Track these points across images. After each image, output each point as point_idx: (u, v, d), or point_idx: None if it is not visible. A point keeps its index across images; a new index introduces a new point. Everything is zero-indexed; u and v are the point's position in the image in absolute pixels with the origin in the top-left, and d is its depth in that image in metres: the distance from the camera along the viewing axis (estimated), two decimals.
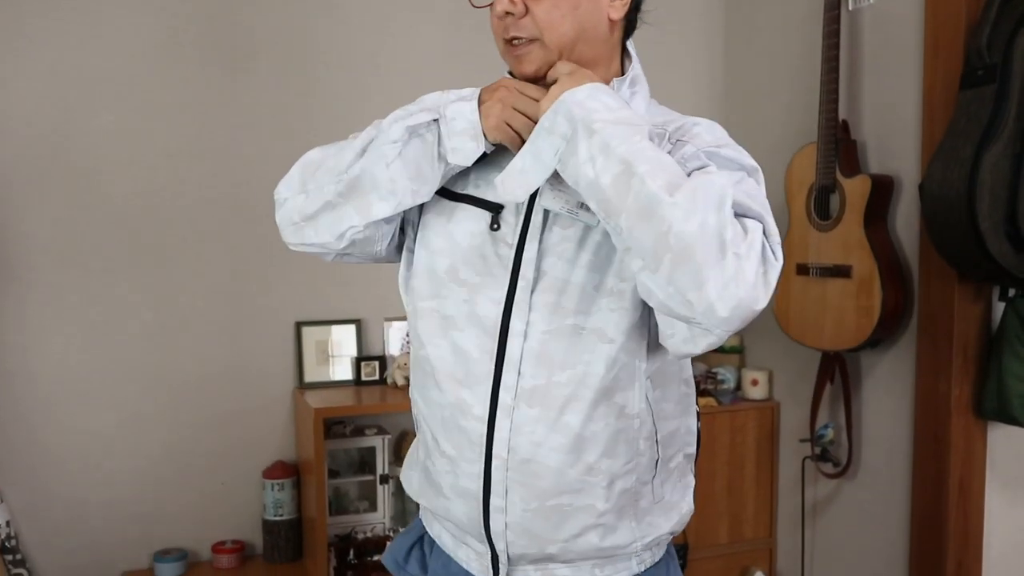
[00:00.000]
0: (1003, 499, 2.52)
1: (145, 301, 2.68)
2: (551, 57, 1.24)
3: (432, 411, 1.32)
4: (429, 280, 1.32)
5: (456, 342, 1.28)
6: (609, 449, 1.25)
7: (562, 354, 1.23)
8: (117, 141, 2.62)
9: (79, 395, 2.63)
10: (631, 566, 1.33)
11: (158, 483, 2.72)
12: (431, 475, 1.35)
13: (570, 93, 1.15)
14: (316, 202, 1.29)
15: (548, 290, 1.24)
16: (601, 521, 1.27)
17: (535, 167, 1.17)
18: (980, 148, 2.16)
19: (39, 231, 2.58)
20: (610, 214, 1.10)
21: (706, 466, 2.97)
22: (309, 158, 1.33)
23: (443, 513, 1.35)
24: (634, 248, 1.09)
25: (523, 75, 1.26)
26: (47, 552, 2.62)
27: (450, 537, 1.38)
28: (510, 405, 1.24)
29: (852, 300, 2.56)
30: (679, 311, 1.09)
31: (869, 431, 2.73)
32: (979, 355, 2.43)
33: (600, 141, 1.11)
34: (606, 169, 1.09)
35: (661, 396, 1.30)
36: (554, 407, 1.23)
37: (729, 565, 3.05)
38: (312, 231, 1.31)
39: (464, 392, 1.27)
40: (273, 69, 2.73)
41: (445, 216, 1.31)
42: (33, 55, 2.54)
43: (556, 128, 1.14)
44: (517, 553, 1.29)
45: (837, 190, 2.58)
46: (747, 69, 3.20)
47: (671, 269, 1.06)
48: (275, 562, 2.74)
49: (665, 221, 1.05)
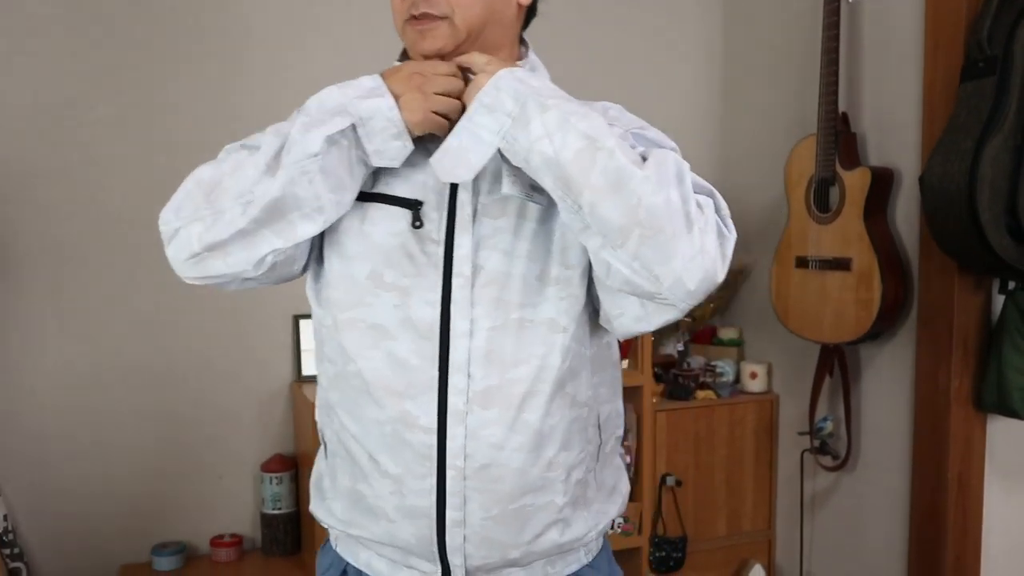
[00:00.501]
0: (1002, 491, 2.52)
1: (142, 294, 2.67)
2: (458, 37, 1.19)
3: (368, 430, 1.22)
4: (349, 289, 1.22)
5: (391, 352, 1.19)
6: (565, 441, 1.23)
7: (513, 350, 1.18)
8: (113, 135, 2.61)
9: (76, 389, 2.62)
10: (580, 558, 1.32)
11: (156, 477, 2.71)
12: (365, 500, 1.24)
13: (508, 71, 1.11)
14: (223, 230, 1.14)
15: (489, 284, 1.18)
16: (561, 516, 1.25)
17: (475, 146, 1.11)
18: (980, 141, 2.15)
19: (35, 225, 2.57)
20: (570, 191, 1.07)
21: (705, 459, 2.97)
22: (199, 178, 1.17)
23: (383, 539, 1.25)
24: (596, 225, 1.07)
25: (423, 52, 1.20)
26: (45, 546, 2.62)
27: (387, 563, 1.29)
28: (462, 410, 1.17)
29: (851, 293, 2.56)
30: (645, 287, 1.08)
31: (868, 424, 2.73)
32: (979, 348, 2.43)
33: (557, 117, 1.07)
34: (566, 145, 1.06)
35: (600, 381, 1.29)
36: (512, 406, 1.18)
37: (728, 558, 3.05)
38: (220, 262, 1.17)
39: (407, 404, 1.18)
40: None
41: (357, 218, 1.21)
42: (30, 46, 2.53)
43: (500, 105, 1.09)
44: (475, 565, 1.23)
45: (837, 183, 2.57)
46: (746, 61, 3.19)
47: (639, 244, 1.05)
48: (273, 555, 2.74)
49: (635, 194, 1.04)
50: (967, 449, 2.46)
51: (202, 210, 1.15)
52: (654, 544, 2.87)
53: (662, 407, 2.91)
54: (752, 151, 3.14)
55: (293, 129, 1.13)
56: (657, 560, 2.88)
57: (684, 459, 2.94)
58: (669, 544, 2.89)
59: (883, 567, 2.70)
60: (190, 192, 1.17)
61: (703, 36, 3.27)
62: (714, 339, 3.19)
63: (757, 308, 3.10)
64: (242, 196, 1.13)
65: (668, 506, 2.91)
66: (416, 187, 1.20)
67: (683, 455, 2.94)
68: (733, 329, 3.19)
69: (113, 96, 2.61)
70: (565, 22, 3.01)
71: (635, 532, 2.80)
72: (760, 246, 3.02)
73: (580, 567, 1.32)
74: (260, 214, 1.12)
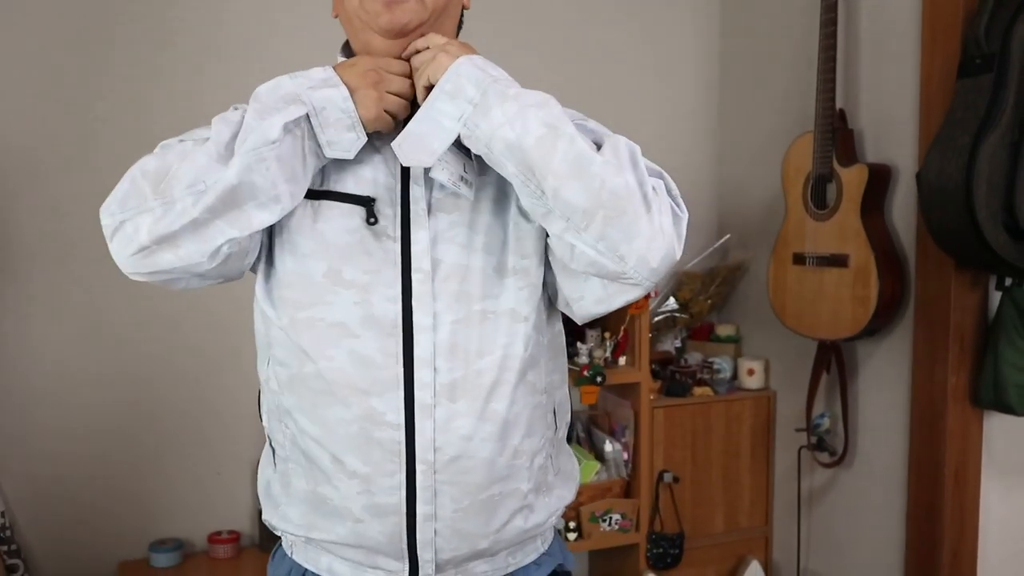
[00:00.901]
0: (999, 487, 2.52)
1: (141, 292, 2.66)
2: (423, 15, 1.19)
3: (332, 431, 1.20)
4: (305, 288, 1.19)
5: (354, 350, 1.18)
6: (529, 428, 1.25)
7: (477, 341, 1.19)
8: (112, 131, 2.61)
9: (74, 385, 2.62)
10: (537, 546, 1.35)
11: (154, 473, 2.72)
12: (330, 502, 1.23)
13: (467, 58, 1.12)
14: (174, 221, 1.10)
15: (449, 278, 1.19)
16: (526, 503, 1.27)
17: (436, 132, 1.11)
18: (978, 137, 2.16)
19: (34, 221, 2.57)
20: (533, 176, 1.09)
21: (702, 455, 2.98)
22: (144, 169, 1.13)
23: (348, 540, 1.24)
24: (559, 209, 1.09)
25: (388, 26, 1.18)
26: (43, 542, 2.62)
27: (350, 566, 1.28)
28: (430, 404, 1.18)
29: (848, 289, 2.56)
30: (609, 267, 1.12)
31: (865, 420, 2.74)
32: (975, 344, 2.43)
33: (517, 105, 1.09)
34: (528, 131, 1.08)
35: (553, 367, 1.31)
36: (480, 396, 1.19)
37: (725, 554, 3.06)
38: (171, 254, 1.12)
39: (373, 401, 1.18)
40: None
41: (309, 216, 1.19)
42: (28, 44, 2.53)
43: (461, 92, 1.10)
44: (445, 559, 1.24)
45: (834, 179, 2.58)
46: (744, 57, 3.19)
47: (603, 225, 1.09)
48: (271, 552, 2.73)
49: (598, 178, 1.07)
50: (964, 445, 2.46)
51: (150, 201, 1.11)
52: (651, 540, 2.87)
53: (659, 404, 2.91)
54: (749, 148, 3.14)
55: (248, 115, 1.11)
56: (654, 556, 2.88)
57: (681, 455, 2.95)
58: (666, 540, 2.89)
59: (880, 563, 2.71)
60: (136, 182, 1.13)
61: (700, 33, 3.27)
62: (711, 336, 3.19)
63: (754, 305, 3.10)
64: (194, 185, 1.09)
65: (665, 502, 2.91)
66: (366, 183, 1.20)
67: (680, 451, 2.94)
68: (730, 326, 3.19)
69: (111, 93, 2.61)
70: (562, 21, 3.01)
71: (632, 528, 2.81)
72: (757, 243, 3.02)
73: (539, 555, 1.35)
74: (215, 203, 1.09)
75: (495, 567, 1.30)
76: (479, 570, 1.28)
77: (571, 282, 1.20)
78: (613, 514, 2.78)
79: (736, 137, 3.22)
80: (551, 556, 1.37)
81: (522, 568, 1.33)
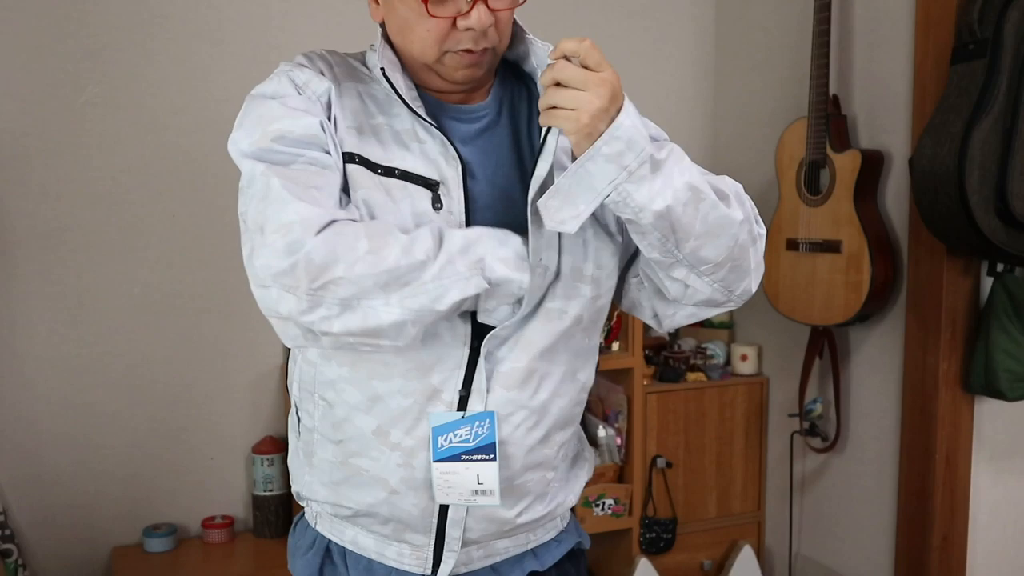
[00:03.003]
0: (989, 472, 2.54)
1: (132, 277, 2.66)
2: (495, 63, 1.22)
3: (383, 403, 1.20)
4: None
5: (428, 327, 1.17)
6: (568, 421, 1.30)
7: (537, 336, 1.20)
8: (102, 115, 2.60)
9: (67, 371, 2.62)
10: (556, 524, 1.38)
11: (147, 459, 2.72)
12: (365, 473, 1.24)
13: (626, 114, 1.06)
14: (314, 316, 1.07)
15: None
16: (548, 489, 1.31)
17: (584, 193, 1.07)
18: (970, 123, 2.16)
19: (25, 208, 2.56)
20: (672, 236, 1.11)
21: (695, 441, 2.99)
22: (308, 253, 1.05)
23: (382, 511, 1.25)
24: (687, 261, 1.14)
25: (468, 80, 1.20)
26: (37, 528, 2.62)
27: (375, 539, 1.29)
28: (484, 388, 1.19)
29: (841, 275, 2.57)
30: (719, 300, 1.21)
31: (857, 405, 2.75)
32: (967, 330, 2.44)
33: (666, 172, 1.08)
34: (677, 199, 1.09)
35: (593, 364, 1.36)
36: (532, 388, 1.22)
37: (717, 539, 3.07)
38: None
39: (434, 378, 1.19)
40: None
41: (382, 194, 1.17)
42: (15, 27, 2.51)
43: (619, 158, 1.06)
44: (471, 538, 1.27)
45: (827, 165, 2.58)
46: (738, 43, 3.19)
47: (728, 272, 1.17)
48: (265, 537, 2.74)
49: (733, 236, 1.15)
50: (955, 430, 2.47)
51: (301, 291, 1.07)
52: (644, 525, 2.89)
53: (653, 389, 2.91)
54: (743, 133, 3.14)
55: (430, 272, 1.07)
56: (647, 541, 2.90)
57: (674, 441, 2.96)
58: (659, 525, 2.90)
59: (872, 547, 2.72)
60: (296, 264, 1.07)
61: (696, 19, 3.26)
62: (704, 321, 3.20)
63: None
64: (347, 302, 1.07)
65: (658, 487, 2.92)
66: (431, 166, 1.19)
67: (673, 437, 2.95)
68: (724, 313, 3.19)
69: (101, 77, 2.59)
70: (557, 6, 3.00)
71: (625, 513, 2.82)
72: None
73: (557, 532, 1.38)
74: (351, 325, 1.08)
75: (516, 543, 1.33)
76: (501, 546, 1.31)
77: (665, 304, 1.26)
78: (606, 499, 2.79)
79: (730, 123, 3.22)
80: (568, 534, 1.40)
81: (543, 544, 1.36)
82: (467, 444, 1.20)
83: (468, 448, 1.20)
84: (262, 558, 2.66)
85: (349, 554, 1.32)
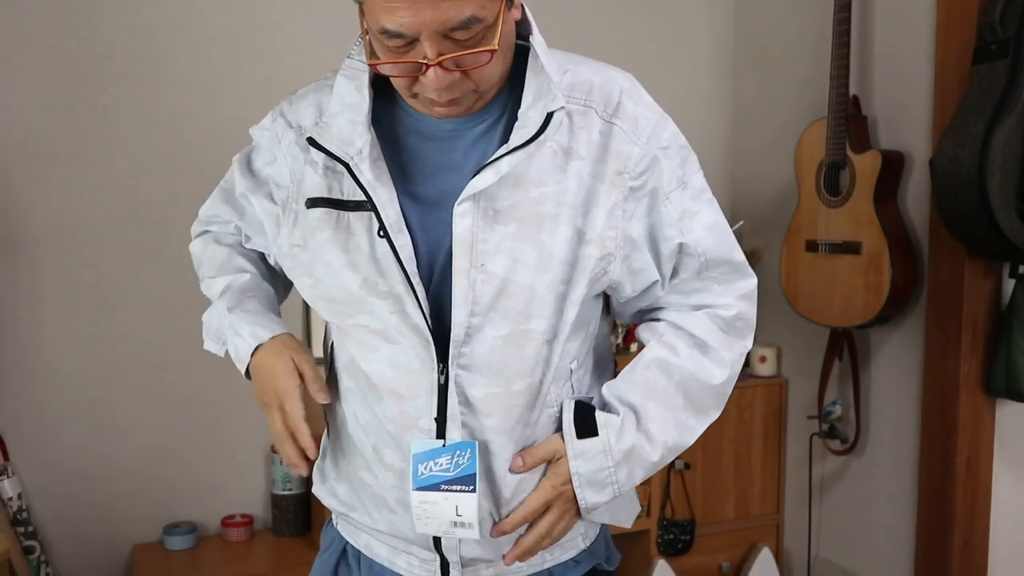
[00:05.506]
0: (1011, 476, 2.52)
1: (153, 276, 2.68)
2: (482, 99, 1.15)
3: (375, 424, 1.21)
4: (347, 300, 1.19)
5: (392, 357, 1.17)
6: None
7: (512, 362, 1.16)
8: (122, 117, 2.62)
9: (89, 369, 2.64)
10: (577, 543, 1.32)
11: (168, 458, 2.74)
12: (369, 488, 1.25)
13: (584, 498, 1.23)
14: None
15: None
16: None
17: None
18: (992, 124, 2.14)
19: (48, 206, 2.58)
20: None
21: (714, 443, 2.98)
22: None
23: (384, 528, 1.26)
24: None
25: (446, 116, 1.15)
26: (59, 525, 2.65)
27: (386, 548, 1.30)
28: (458, 414, 1.16)
29: (861, 276, 2.55)
30: None
31: (877, 408, 2.73)
32: (988, 332, 2.42)
33: (642, 465, 1.33)
34: (661, 463, 1.37)
35: (592, 382, 1.37)
36: (511, 416, 1.18)
37: (736, 541, 3.06)
38: None
39: (406, 406, 1.17)
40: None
41: (331, 227, 1.18)
42: (37, 32, 2.54)
43: (602, 494, 1.25)
44: (471, 557, 1.24)
45: (847, 166, 2.56)
46: (757, 44, 3.18)
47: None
48: (283, 536, 2.76)
49: (696, 433, 1.42)
50: (976, 434, 2.45)
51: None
52: (662, 527, 2.88)
53: None
54: (763, 134, 3.13)
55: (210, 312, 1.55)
56: (665, 543, 2.89)
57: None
58: (677, 527, 2.90)
59: (891, 551, 2.71)
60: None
61: (714, 20, 3.25)
62: None
63: (767, 292, 3.09)
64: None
65: (676, 489, 2.92)
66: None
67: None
68: None
69: (122, 80, 2.62)
70: (575, 9, 3.00)
71: (643, 515, 2.82)
72: (770, 230, 3.01)
73: (578, 552, 1.32)
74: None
75: (530, 563, 1.27)
76: (513, 566, 1.26)
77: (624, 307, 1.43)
78: None
79: (750, 124, 3.21)
80: (592, 555, 1.34)
81: (560, 564, 1.30)
82: (447, 474, 1.15)
83: (448, 478, 1.15)
84: (281, 557, 2.67)
85: (363, 558, 1.33)
